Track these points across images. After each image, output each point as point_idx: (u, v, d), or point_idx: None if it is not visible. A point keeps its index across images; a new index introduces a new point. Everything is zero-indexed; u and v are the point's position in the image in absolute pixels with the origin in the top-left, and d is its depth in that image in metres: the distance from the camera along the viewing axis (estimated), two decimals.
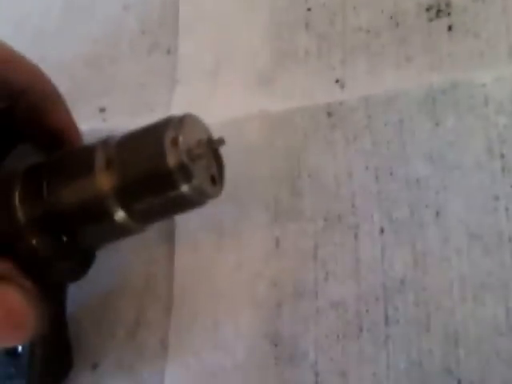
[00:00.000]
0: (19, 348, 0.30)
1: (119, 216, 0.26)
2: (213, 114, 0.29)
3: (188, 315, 0.33)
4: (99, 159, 0.26)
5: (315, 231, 0.32)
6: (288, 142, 0.34)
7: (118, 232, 0.28)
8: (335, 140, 0.33)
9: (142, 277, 0.35)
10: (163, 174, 0.25)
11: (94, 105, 0.40)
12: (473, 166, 0.30)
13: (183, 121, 0.26)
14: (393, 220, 0.30)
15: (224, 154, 0.28)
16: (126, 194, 0.26)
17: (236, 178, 0.30)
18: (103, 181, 0.26)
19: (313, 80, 0.35)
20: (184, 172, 0.25)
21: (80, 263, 0.30)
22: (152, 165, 0.25)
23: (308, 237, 0.32)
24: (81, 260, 0.30)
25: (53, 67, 0.32)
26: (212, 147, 0.27)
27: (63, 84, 0.32)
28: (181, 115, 0.26)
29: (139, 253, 0.35)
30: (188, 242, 0.35)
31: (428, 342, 0.28)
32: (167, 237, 0.35)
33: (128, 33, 0.41)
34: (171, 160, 0.25)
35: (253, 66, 0.36)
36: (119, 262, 0.36)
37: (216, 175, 0.28)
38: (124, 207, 0.26)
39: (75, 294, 0.34)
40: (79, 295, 0.34)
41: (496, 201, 0.29)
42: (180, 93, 0.38)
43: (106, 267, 0.34)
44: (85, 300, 0.35)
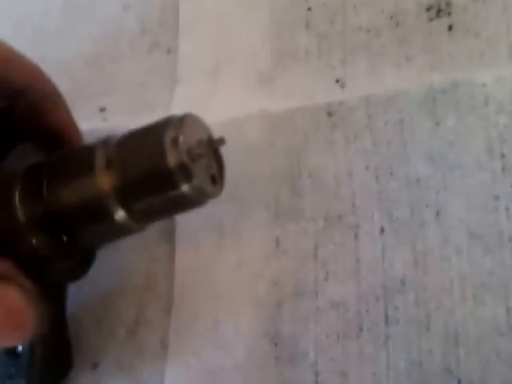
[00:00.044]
0: (19, 348, 0.30)
1: (119, 216, 0.26)
2: (213, 114, 0.29)
3: (188, 315, 0.33)
4: (99, 159, 0.26)
5: (315, 231, 0.32)
6: (288, 142, 0.34)
7: (118, 232, 0.28)
8: (335, 140, 0.33)
9: (143, 276, 0.35)
10: (163, 174, 0.25)
11: (94, 104, 0.40)
12: (473, 166, 0.30)
13: (183, 120, 0.26)
14: (393, 220, 0.30)
15: (224, 154, 0.28)
16: (126, 194, 0.26)
17: (236, 178, 0.30)
18: (103, 180, 0.26)
19: (313, 80, 0.35)
20: (184, 172, 0.25)
21: (80, 263, 0.30)
22: (152, 164, 0.25)
23: (308, 236, 0.32)
24: (81, 259, 0.30)
25: (53, 67, 0.32)
26: (212, 147, 0.27)
27: (63, 84, 0.32)
28: (181, 115, 0.26)
29: (139, 252, 0.36)
30: (188, 242, 0.35)
31: (428, 342, 0.28)
32: (168, 236, 0.35)
33: (128, 32, 0.41)
34: (171, 160, 0.25)
35: (253, 66, 0.36)
36: (119, 262, 0.36)
37: (216, 175, 0.28)
38: (124, 207, 0.26)
39: (75, 294, 0.34)
40: (79, 295, 0.34)
41: (496, 200, 0.29)
42: (180, 92, 0.38)
43: (107, 267, 0.34)
44: (85, 299, 0.35)
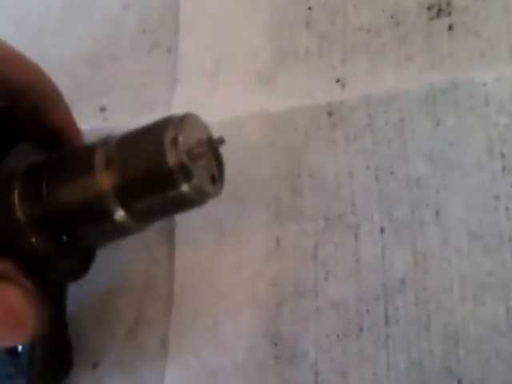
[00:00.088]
0: (19, 347, 0.30)
1: (119, 215, 0.26)
2: (213, 114, 0.29)
3: (188, 314, 0.33)
4: (99, 158, 0.26)
5: (315, 231, 0.32)
6: (288, 142, 0.34)
7: (118, 231, 0.28)
8: (336, 139, 0.33)
9: (143, 276, 0.35)
10: (163, 174, 0.25)
11: (95, 104, 0.40)
12: (473, 166, 0.30)
13: (183, 120, 0.26)
14: (393, 219, 0.30)
15: (224, 154, 0.28)
16: (126, 194, 0.26)
17: (236, 178, 0.30)
18: (103, 180, 0.26)
19: (313, 79, 0.35)
20: (184, 171, 0.25)
21: (80, 262, 0.30)
22: (152, 164, 0.25)
23: (308, 236, 0.32)
24: (81, 259, 0.30)
25: (53, 66, 0.32)
26: (212, 146, 0.27)
27: (63, 83, 0.32)
28: (181, 114, 0.26)
29: (139, 252, 0.35)
30: (188, 242, 0.35)
31: (428, 342, 0.28)
32: (167, 236, 0.35)
33: (128, 32, 0.41)
34: (171, 159, 0.25)
35: (253, 65, 0.36)
36: (119, 261, 0.36)
37: (216, 175, 0.27)
38: (124, 206, 0.26)
39: (75, 294, 0.34)
40: (79, 294, 0.34)
41: (496, 200, 0.29)
42: (180, 92, 0.38)
43: (107, 266, 0.34)
44: (85, 299, 0.35)
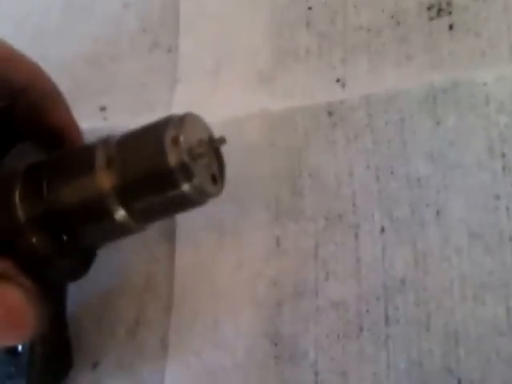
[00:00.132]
0: (19, 347, 0.30)
1: (119, 215, 0.26)
2: (213, 113, 0.29)
3: (188, 314, 0.33)
4: (100, 158, 0.26)
5: (316, 230, 0.32)
6: (289, 141, 0.34)
7: (119, 231, 0.28)
8: (336, 139, 0.33)
9: (143, 276, 0.35)
10: (164, 173, 0.25)
11: (95, 103, 0.40)
12: (474, 165, 0.30)
13: (184, 120, 0.26)
14: (393, 219, 0.30)
15: (225, 153, 0.28)
16: (127, 193, 0.26)
17: (237, 177, 0.30)
18: (103, 180, 0.26)
19: (313, 79, 0.35)
20: (185, 171, 0.25)
21: (80, 262, 0.30)
22: (152, 164, 0.25)
23: (309, 236, 0.32)
24: (81, 259, 0.29)
25: (53, 66, 0.32)
26: (213, 146, 0.27)
27: (64, 82, 0.32)
28: (181, 114, 0.26)
29: (140, 252, 0.35)
30: (189, 241, 0.34)
31: (428, 342, 0.28)
32: (168, 236, 0.35)
33: (128, 31, 0.41)
34: (172, 159, 0.25)
35: (253, 65, 0.36)
36: (120, 261, 0.36)
37: (217, 174, 0.27)
38: (124, 206, 0.26)
39: (75, 293, 0.34)
40: (79, 294, 0.34)
41: (497, 200, 0.29)
42: (181, 92, 0.38)
43: (107, 266, 0.34)
44: (85, 299, 0.35)
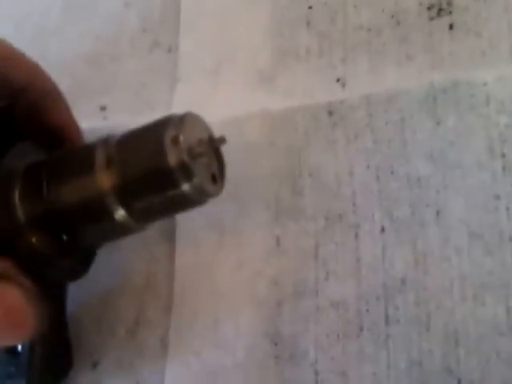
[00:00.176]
0: (19, 347, 0.30)
1: (119, 215, 0.26)
2: (214, 113, 0.29)
3: (188, 314, 0.33)
4: (99, 158, 0.26)
5: (316, 230, 0.32)
6: (289, 141, 0.34)
7: (118, 231, 0.28)
8: (336, 139, 0.33)
9: (143, 275, 0.35)
10: (164, 173, 0.25)
11: (95, 103, 0.40)
12: (474, 166, 0.30)
13: (184, 119, 0.26)
14: (393, 219, 0.30)
15: (225, 153, 0.28)
16: (127, 193, 0.26)
17: (237, 177, 0.30)
18: (103, 179, 0.26)
19: (314, 78, 0.35)
20: (185, 171, 0.25)
21: (80, 262, 0.30)
22: (152, 163, 0.25)
23: (309, 236, 0.32)
24: (81, 259, 0.29)
25: (53, 65, 0.32)
26: (213, 146, 0.27)
27: (64, 82, 0.32)
28: (181, 114, 0.26)
29: (140, 251, 0.35)
30: (189, 241, 0.34)
31: (428, 342, 0.28)
32: (168, 235, 0.35)
33: (129, 31, 0.41)
34: (172, 159, 0.25)
35: (254, 65, 0.36)
36: (120, 261, 0.36)
37: (217, 174, 0.27)
38: (124, 206, 0.26)
39: (75, 293, 0.34)
40: (79, 294, 0.34)
41: (497, 200, 0.29)
42: (181, 91, 0.38)
43: (107, 266, 0.34)
44: (85, 299, 0.35)
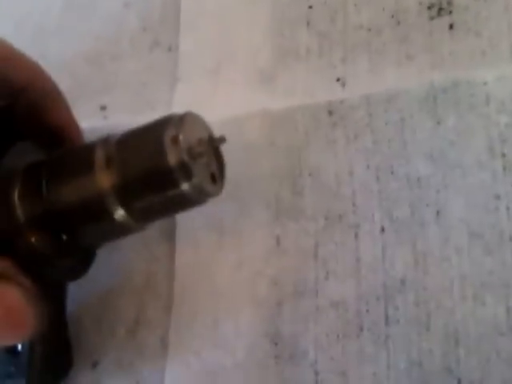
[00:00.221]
0: (19, 346, 0.30)
1: (119, 214, 0.26)
2: (214, 112, 0.29)
3: (188, 314, 0.33)
4: (99, 157, 0.26)
5: (316, 230, 0.32)
6: (289, 141, 0.34)
7: (118, 230, 0.28)
8: (336, 138, 0.33)
9: (143, 275, 0.35)
10: (163, 173, 0.25)
11: (95, 102, 0.40)
12: (474, 165, 0.30)
13: (184, 119, 0.26)
14: (393, 219, 0.30)
15: (225, 153, 0.28)
16: (126, 193, 0.26)
17: (237, 177, 0.30)
18: (103, 179, 0.26)
19: (314, 78, 0.34)
20: (184, 170, 0.25)
21: (80, 262, 0.30)
22: (152, 163, 0.25)
23: (309, 235, 0.32)
24: (81, 258, 0.30)
25: (53, 65, 0.32)
26: (213, 145, 0.27)
27: (64, 81, 0.32)
28: (181, 113, 0.26)
29: (140, 251, 0.35)
30: (189, 241, 0.34)
31: (428, 342, 0.28)
32: (168, 235, 0.35)
33: (129, 30, 0.41)
34: (171, 158, 0.25)
35: (254, 64, 0.36)
36: (120, 261, 0.36)
37: (216, 173, 0.27)
38: (124, 206, 0.26)
39: (75, 293, 0.34)
40: (79, 294, 0.34)
41: (497, 200, 0.29)
42: (181, 91, 0.38)
43: (107, 266, 0.34)
44: (85, 298, 0.35)
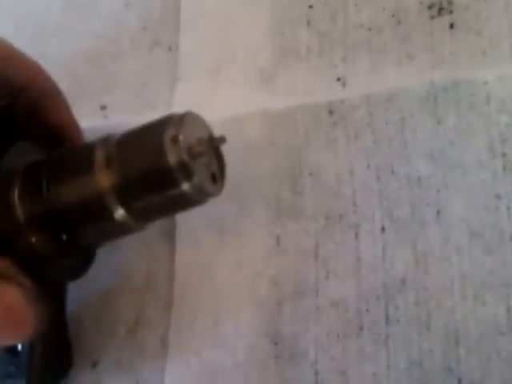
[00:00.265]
0: (19, 346, 0.30)
1: (119, 214, 0.26)
2: (214, 112, 0.29)
3: (188, 314, 0.33)
4: (99, 157, 0.26)
5: (316, 230, 0.32)
6: (289, 140, 0.34)
7: (118, 230, 0.28)
8: (336, 138, 0.33)
9: (143, 275, 0.35)
10: (163, 172, 0.25)
11: (95, 102, 0.40)
12: (474, 165, 0.30)
13: (184, 119, 0.26)
14: (394, 219, 0.30)
15: (225, 152, 0.28)
16: (126, 192, 0.26)
17: (237, 177, 0.30)
18: (103, 179, 0.26)
19: (314, 77, 0.34)
20: (184, 170, 0.25)
21: (80, 261, 0.30)
22: (152, 163, 0.25)
23: (309, 235, 0.32)
24: (81, 258, 0.30)
25: (53, 64, 0.32)
26: (213, 145, 0.27)
27: (64, 81, 0.32)
28: (181, 113, 0.26)
29: (140, 251, 0.35)
30: (189, 241, 0.34)
31: (428, 342, 0.28)
32: (168, 235, 0.35)
33: (129, 30, 0.41)
34: (171, 158, 0.25)
35: (254, 64, 0.36)
36: (120, 260, 0.36)
37: (217, 173, 0.27)
38: (124, 205, 0.26)
39: (75, 293, 0.34)
40: (79, 293, 0.34)
41: (497, 199, 0.29)
42: (181, 90, 0.38)
43: (107, 265, 0.34)
44: (85, 298, 0.35)
